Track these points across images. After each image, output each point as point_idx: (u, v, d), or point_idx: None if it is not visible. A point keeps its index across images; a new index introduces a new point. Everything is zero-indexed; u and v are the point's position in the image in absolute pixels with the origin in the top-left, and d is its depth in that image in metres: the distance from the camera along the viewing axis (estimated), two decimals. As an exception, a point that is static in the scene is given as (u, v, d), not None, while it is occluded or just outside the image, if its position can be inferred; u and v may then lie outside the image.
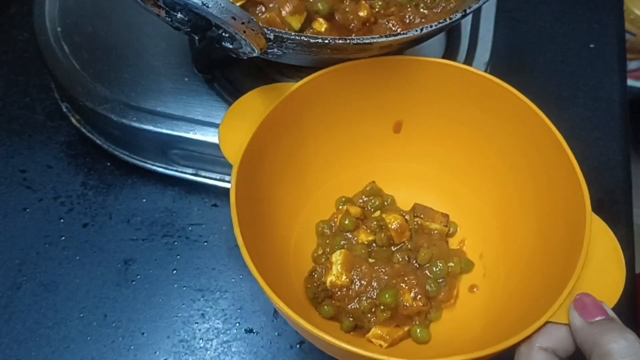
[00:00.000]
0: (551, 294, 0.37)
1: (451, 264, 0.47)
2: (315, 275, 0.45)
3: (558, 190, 0.43)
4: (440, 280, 0.46)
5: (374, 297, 0.43)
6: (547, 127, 0.43)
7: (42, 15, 0.57)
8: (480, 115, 0.47)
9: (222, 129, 0.43)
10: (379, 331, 0.43)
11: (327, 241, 0.48)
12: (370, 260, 0.47)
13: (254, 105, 0.44)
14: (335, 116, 0.49)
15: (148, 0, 0.41)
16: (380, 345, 0.43)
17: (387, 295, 0.43)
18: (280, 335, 0.50)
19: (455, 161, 0.51)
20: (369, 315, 0.43)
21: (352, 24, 0.48)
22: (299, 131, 0.47)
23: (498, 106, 0.46)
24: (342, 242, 0.47)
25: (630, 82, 1.17)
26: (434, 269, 0.46)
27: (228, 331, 0.50)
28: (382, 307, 0.43)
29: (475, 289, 0.47)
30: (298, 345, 0.50)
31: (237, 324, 0.51)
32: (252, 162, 0.42)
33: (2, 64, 0.64)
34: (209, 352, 0.49)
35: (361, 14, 0.48)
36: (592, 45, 0.71)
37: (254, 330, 0.50)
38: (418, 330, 0.43)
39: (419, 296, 0.44)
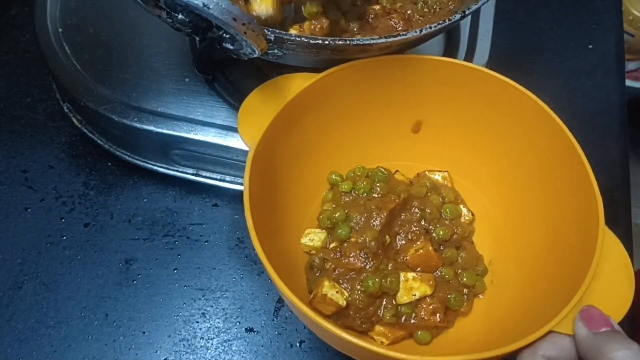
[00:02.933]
0: (557, 303, 0.36)
1: (479, 269, 0.46)
2: (315, 267, 0.45)
3: (572, 201, 0.42)
4: (465, 291, 0.45)
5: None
6: (566, 137, 0.42)
7: (44, 15, 0.58)
8: (498, 119, 0.47)
9: (241, 112, 0.43)
10: (382, 328, 0.43)
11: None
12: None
13: (276, 92, 0.44)
14: (355, 110, 0.48)
15: (149, 1, 0.41)
16: (382, 342, 0.43)
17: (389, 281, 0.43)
18: (280, 334, 0.51)
19: (470, 164, 0.50)
20: (376, 314, 0.43)
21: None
22: (317, 122, 0.47)
23: (517, 111, 0.45)
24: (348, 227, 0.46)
25: (628, 82, 1.18)
26: (464, 279, 0.45)
27: (228, 330, 0.51)
28: (389, 309, 0.43)
29: (480, 295, 0.46)
30: (298, 344, 0.50)
31: (238, 323, 0.51)
32: (268, 147, 0.42)
33: (3, 65, 0.65)
34: (209, 351, 0.50)
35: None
36: (590, 46, 0.71)
37: (255, 330, 0.51)
38: (420, 332, 0.43)
39: (439, 314, 0.43)
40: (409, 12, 0.51)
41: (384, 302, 0.43)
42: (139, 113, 0.53)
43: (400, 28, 0.49)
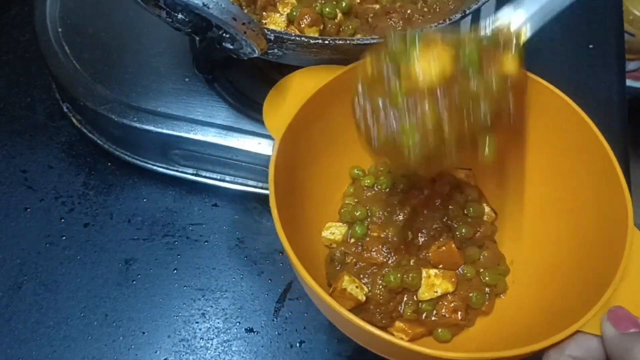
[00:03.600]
0: (583, 303, 0.36)
1: (501, 268, 0.46)
2: (335, 261, 0.44)
3: (599, 200, 0.41)
4: (487, 290, 0.45)
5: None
6: (594, 135, 0.41)
7: (43, 16, 0.58)
8: (526, 117, 0.46)
9: (267, 103, 0.43)
10: (402, 324, 0.43)
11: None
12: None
13: (301, 84, 0.43)
14: None
15: (149, 1, 0.41)
16: (401, 339, 0.42)
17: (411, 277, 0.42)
18: (280, 334, 0.50)
19: (493, 162, 0.49)
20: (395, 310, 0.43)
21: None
22: (341, 115, 0.45)
23: (544, 110, 0.45)
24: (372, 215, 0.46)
25: (629, 82, 1.18)
26: (486, 278, 0.45)
27: (228, 330, 0.50)
28: (410, 304, 0.43)
29: (502, 295, 0.46)
30: (298, 345, 0.50)
31: (238, 324, 0.51)
32: (292, 139, 0.42)
33: (3, 65, 0.64)
34: (209, 351, 0.50)
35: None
36: (591, 46, 0.71)
37: (254, 330, 0.51)
38: (440, 330, 0.43)
39: (460, 312, 0.43)
40: (408, 11, 0.51)
41: (405, 298, 0.43)
42: (139, 113, 0.53)
43: (399, 28, 0.49)
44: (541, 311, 0.42)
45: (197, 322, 0.51)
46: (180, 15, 0.41)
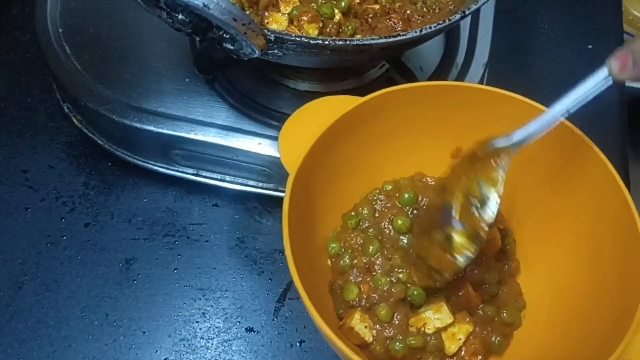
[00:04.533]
0: (593, 351, 0.35)
1: (518, 303, 0.45)
2: (338, 291, 0.44)
3: (613, 242, 0.41)
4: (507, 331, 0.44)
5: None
6: (610, 174, 0.41)
7: (44, 16, 0.58)
8: (541, 154, 0.45)
9: (282, 137, 0.43)
10: None
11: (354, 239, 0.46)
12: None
13: (315, 116, 0.44)
14: (394, 134, 0.48)
15: (149, 1, 0.41)
16: None
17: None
18: (280, 334, 0.51)
19: (507, 194, 0.47)
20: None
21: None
22: (354, 147, 0.47)
23: (558, 146, 0.44)
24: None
25: (628, 82, 1.18)
26: (504, 314, 0.44)
27: (229, 330, 0.51)
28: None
29: (515, 331, 0.45)
30: (298, 344, 0.50)
31: (238, 323, 0.51)
32: (306, 171, 0.42)
33: (4, 65, 0.65)
34: (209, 350, 0.50)
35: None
36: (590, 46, 0.71)
37: (255, 329, 0.51)
38: None
39: (479, 356, 0.42)
40: (408, 12, 0.51)
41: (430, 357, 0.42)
42: (139, 113, 0.53)
43: (399, 28, 0.49)
44: (550, 355, 0.41)
45: (197, 322, 0.51)
46: (180, 16, 0.41)
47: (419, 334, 0.42)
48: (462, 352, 0.42)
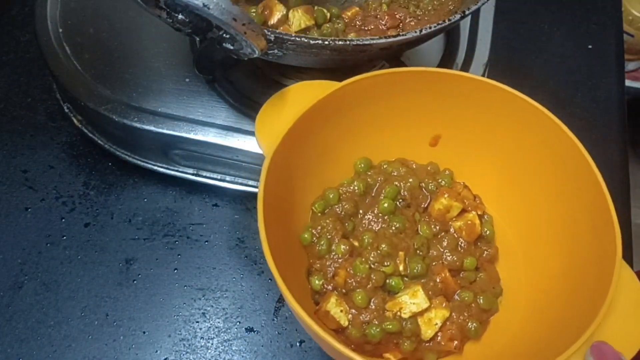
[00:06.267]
0: (568, 336, 0.36)
1: (495, 290, 0.45)
2: (314, 278, 0.44)
3: (590, 230, 0.41)
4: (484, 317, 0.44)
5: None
6: (589, 167, 0.41)
7: (44, 16, 0.58)
8: (521, 141, 0.46)
9: (259, 120, 0.43)
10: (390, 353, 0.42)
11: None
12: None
13: (293, 100, 0.43)
14: (372, 121, 0.48)
15: (149, 1, 0.41)
16: None
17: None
18: (280, 334, 0.51)
19: (485, 181, 0.49)
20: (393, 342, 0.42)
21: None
22: (333, 131, 0.46)
23: (541, 136, 0.44)
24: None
25: (628, 82, 1.18)
26: (480, 301, 0.44)
27: (229, 330, 0.51)
28: (406, 338, 0.42)
29: (491, 317, 0.45)
30: (298, 344, 0.50)
31: (238, 323, 0.51)
32: (283, 155, 0.42)
33: (4, 65, 0.65)
34: (209, 350, 0.50)
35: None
36: (590, 46, 0.71)
37: (255, 329, 0.51)
38: (429, 354, 0.43)
39: (455, 341, 0.42)
40: (397, 15, 0.51)
41: (406, 340, 0.42)
42: (139, 113, 0.53)
43: (388, 30, 0.49)
44: (528, 339, 0.41)
45: (197, 322, 0.51)
46: (180, 16, 0.41)
47: (395, 319, 0.42)
48: (439, 338, 0.42)
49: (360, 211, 0.47)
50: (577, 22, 0.74)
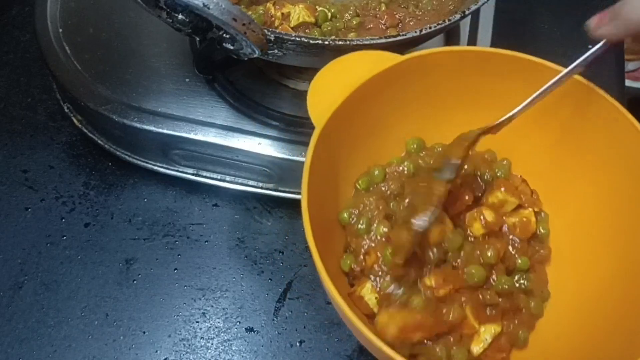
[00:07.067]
0: (619, 353, 0.34)
1: (545, 294, 0.42)
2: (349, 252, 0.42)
3: None
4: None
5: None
6: None
7: (44, 16, 0.58)
8: (583, 136, 0.43)
9: (311, 89, 0.40)
10: None
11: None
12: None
13: (348, 70, 0.41)
14: (429, 100, 0.45)
15: (149, 1, 0.41)
16: None
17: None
18: (280, 334, 0.51)
19: (543, 177, 0.46)
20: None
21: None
22: (388, 104, 0.43)
23: (605, 131, 0.42)
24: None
25: (628, 82, 1.17)
26: (532, 305, 0.41)
27: (229, 330, 0.51)
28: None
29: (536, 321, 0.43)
30: (298, 344, 0.50)
31: (238, 323, 0.51)
32: (334, 126, 0.40)
33: (3, 65, 0.65)
34: (209, 350, 0.50)
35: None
36: (590, 46, 0.71)
37: (255, 329, 0.51)
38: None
39: (504, 352, 0.40)
40: (397, 15, 0.51)
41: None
42: (139, 113, 0.53)
43: (388, 30, 0.49)
44: (574, 349, 0.39)
45: (197, 322, 0.51)
46: (180, 16, 0.41)
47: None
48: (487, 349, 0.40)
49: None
50: (577, 22, 0.73)
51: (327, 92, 0.40)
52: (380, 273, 0.41)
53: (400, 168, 0.44)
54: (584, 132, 0.43)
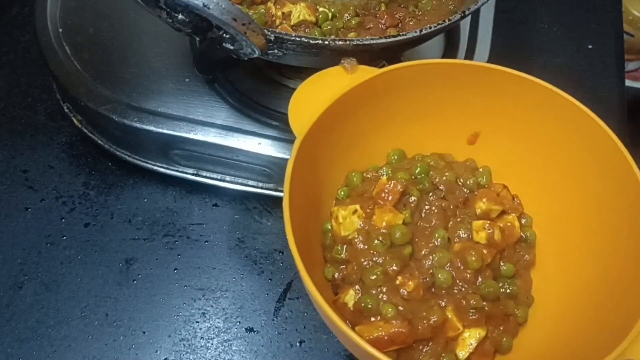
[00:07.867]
0: (598, 352, 0.34)
1: (529, 300, 0.42)
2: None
3: (627, 237, 0.39)
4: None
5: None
6: (629, 166, 0.39)
7: (44, 16, 0.58)
8: (560, 142, 0.44)
9: (293, 100, 0.42)
10: None
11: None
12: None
13: (329, 83, 0.42)
14: (408, 112, 0.46)
15: (149, 1, 0.41)
16: None
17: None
18: (280, 334, 0.51)
19: (523, 184, 0.47)
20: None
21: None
22: (368, 116, 0.44)
23: (580, 136, 0.42)
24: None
25: (628, 82, 1.18)
26: (518, 312, 0.41)
27: (229, 330, 0.51)
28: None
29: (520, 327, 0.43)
30: (298, 344, 0.50)
31: (238, 323, 0.51)
32: (314, 137, 0.40)
33: (3, 65, 0.65)
34: (209, 350, 0.50)
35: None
36: (590, 46, 0.71)
37: (255, 329, 0.51)
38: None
39: (488, 357, 0.40)
40: (396, 15, 0.51)
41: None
42: (139, 113, 0.53)
43: (388, 30, 0.49)
44: (555, 354, 0.39)
45: (197, 322, 0.51)
46: (180, 16, 0.41)
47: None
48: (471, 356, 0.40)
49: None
50: (577, 22, 0.73)
51: (308, 104, 0.41)
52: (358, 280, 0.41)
53: (379, 172, 0.45)
54: (561, 137, 0.44)
